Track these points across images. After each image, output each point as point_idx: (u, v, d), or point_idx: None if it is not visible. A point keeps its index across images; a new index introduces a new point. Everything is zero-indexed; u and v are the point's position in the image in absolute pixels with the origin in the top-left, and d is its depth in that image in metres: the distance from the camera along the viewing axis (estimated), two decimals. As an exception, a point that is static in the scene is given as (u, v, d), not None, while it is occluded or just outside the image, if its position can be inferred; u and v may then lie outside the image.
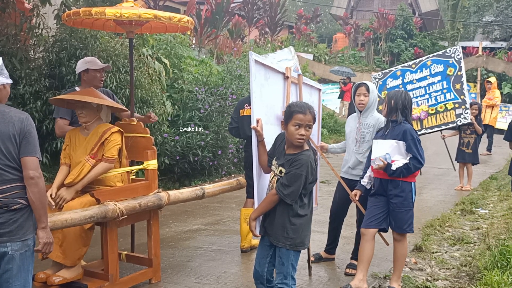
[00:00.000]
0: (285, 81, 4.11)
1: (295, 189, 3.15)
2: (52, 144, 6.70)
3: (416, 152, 4.14)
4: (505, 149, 14.52)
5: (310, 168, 3.17)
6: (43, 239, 2.77)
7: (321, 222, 5.94)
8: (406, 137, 4.16)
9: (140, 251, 4.96)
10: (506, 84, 22.24)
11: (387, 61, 26.30)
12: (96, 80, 4.50)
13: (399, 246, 4.36)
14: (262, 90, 3.70)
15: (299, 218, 3.24)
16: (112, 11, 4.00)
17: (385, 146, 4.23)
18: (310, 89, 4.79)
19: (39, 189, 2.72)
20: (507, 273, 4.32)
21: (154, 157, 4.21)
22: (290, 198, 3.17)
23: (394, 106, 4.24)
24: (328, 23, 40.38)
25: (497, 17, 26.40)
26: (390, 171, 4.14)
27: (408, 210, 4.25)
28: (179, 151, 8.48)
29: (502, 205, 7.73)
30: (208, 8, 17.78)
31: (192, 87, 9.60)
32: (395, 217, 4.25)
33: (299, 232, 3.25)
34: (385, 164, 4.13)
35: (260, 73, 3.71)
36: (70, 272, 3.79)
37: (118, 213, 3.67)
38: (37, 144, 2.78)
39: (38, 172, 2.72)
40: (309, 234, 3.40)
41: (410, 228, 4.29)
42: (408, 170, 4.14)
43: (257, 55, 3.74)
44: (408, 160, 4.15)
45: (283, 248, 3.24)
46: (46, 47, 7.08)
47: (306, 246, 3.41)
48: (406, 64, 8.18)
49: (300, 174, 3.14)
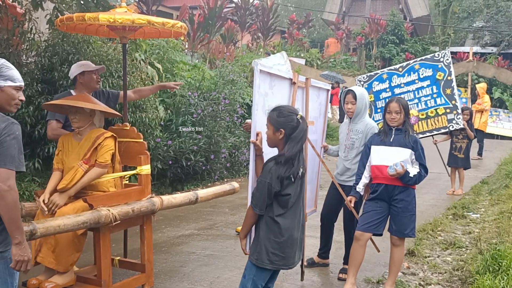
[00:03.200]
0: (291, 86, 4.07)
1: (260, 197, 2.99)
2: (44, 149, 6.66)
3: (425, 161, 4.26)
4: (496, 153, 14.65)
5: (275, 176, 2.95)
6: (15, 257, 2.55)
7: (314, 226, 5.94)
8: (417, 147, 4.26)
9: (133, 256, 4.94)
10: (497, 89, 22.45)
11: (379, 66, 26.45)
12: (93, 81, 4.50)
13: (398, 251, 4.37)
14: (265, 100, 3.61)
15: (263, 231, 3.07)
16: (105, 16, 3.99)
17: (396, 154, 4.24)
18: (318, 90, 4.78)
19: (6, 203, 2.49)
20: (499, 277, 4.34)
21: (147, 162, 4.20)
22: (257, 207, 3.02)
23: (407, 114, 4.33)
24: (320, 28, 40.57)
25: (487, 22, 26.64)
26: (408, 177, 4.18)
27: (412, 215, 4.29)
28: (171, 155, 8.47)
29: (494, 210, 7.77)
30: (201, 13, 17.81)
31: (185, 92, 9.59)
32: (399, 221, 4.27)
33: (265, 247, 3.05)
34: (405, 170, 4.15)
35: (265, 82, 3.64)
36: (62, 278, 3.77)
37: (111, 218, 3.66)
38: (12, 155, 2.53)
39: (6, 184, 2.48)
40: (287, 257, 3.10)
41: (412, 233, 4.33)
42: (420, 177, 4.24)
43: (263, 64, 3.62)
44: (418, 169, 4.24)
45: (249, 261, 3.14)
46: (39, 52, 7.05)
47: (276, 266, 3.09)
48: (393, 68, 8.17)
49: (264, 181, 2.97)
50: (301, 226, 3.20)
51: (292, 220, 3.09)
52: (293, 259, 3.13)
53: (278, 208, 3.04)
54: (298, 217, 3.15)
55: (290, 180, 3.00)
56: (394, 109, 4.29)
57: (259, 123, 3.40)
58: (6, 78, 2.71)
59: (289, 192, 3.02)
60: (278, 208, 3.04)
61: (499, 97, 22.34)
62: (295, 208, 3.11)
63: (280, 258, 3.06)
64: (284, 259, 3.08)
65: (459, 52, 24.42)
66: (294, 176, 3.01)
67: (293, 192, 3.06)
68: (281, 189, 2.99)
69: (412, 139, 4.26)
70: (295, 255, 3.15)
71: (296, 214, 3.13)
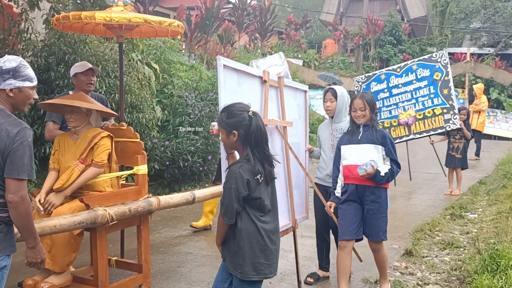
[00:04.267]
0: (262, 85, 3.93)
1: (228, 204, 2.77)
2: (41, 149, 6.64)
3: (395, 156, 4.08)
4: (493, 154, 14.67)
5: (241, 180, 2.73)
6: (29, 258, 2.65)
7: (312, 226, 5.93)
8: (386, 142, 4.07)
9: (130, 256, 4.92)
10: (494, 90, 22.48)
11: (376, 66, 26.45)
12: (83, 84, 4.42)
13: (379, 255, 4.24)
14: (234, 98, 3.43)
15: (244, 241, 2.83)
16: (102, 15, 3.98)
17: (365, 151, 4.07)
18: (294, 91, 4.63)
19: (19, 213, 2.50)
20: (497, 277, 4.33)
21: (144, 162, 4.18)
22: (226, 217, 2.80)
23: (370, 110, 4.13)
24: (318, 29, 40.60)
25: (484, 23, 26.70)
26: (379, 177, 3.99)
27: (384, 217, 4.12)
28: (169, 156, 8.45)
29: (491, 210, 7.78)
30: (198, 13, 17.81)
31: (182, 92, 9.58)
32: (371, 224, 4.09)
33: (248, 258, 2.84)
34: (375, 170, 3.98)
35: (232, 79, 3.51)
36: (59, 278, 3.75)
37: (107, 218, 3.64)
38: (25, 163, 2.50)
39: (18, 196, 2.47)
40: (272, 263, 2.92)
41: (384, 236, 4.16)
42: (392, 175, 4.06)
43: (227, 59, 3.48)
44: (389, 165, 4.06)
45: (236, 277, 2.88)
46: (35, 52, 7.03)
47: (262, 276, 2.88)
48: (391, 68, 8.17)
49: (229, 187, 2.76)
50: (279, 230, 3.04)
51: (273, 225, 2.93)
52: (276, 265, 2.97)
53: (256, 213, 2.85)
54: (277, 221, 2.99)
55: (258, 183, 2.80)
56: (358, 106, 4.11)
57: None
58: (25, 78, 2.71)
59: (260, 196, 2.81)
60: (256, 213, 2.85)
61: (497, 98, 22.36)
62: (273, 212, 2.95)
63: (266, 266, 2.87)
64: (270, 266, 2.90)
65: (457, 53, 24.48)
66: (263, 178, 2.81)
67: (265, 195, 2.86)
68: (250, 193, 2.78)
69: (380, 134, 4.08)
70: (277, 261, 2.99)
71: (276, 218, 2.97)
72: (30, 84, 2.73)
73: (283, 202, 4.26)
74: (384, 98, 8.07)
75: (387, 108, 8.07)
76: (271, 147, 4.02)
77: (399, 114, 7.97)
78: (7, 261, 2.59)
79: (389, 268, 5.06)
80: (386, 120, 8.06)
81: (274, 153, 4.06)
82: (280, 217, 4.19)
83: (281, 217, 4.20)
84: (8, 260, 2.59)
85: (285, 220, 4.28)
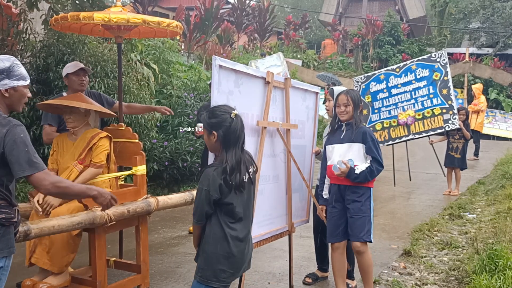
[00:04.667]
0: (265, 86, 3.82)
1: (198, 205, 2.73)
2: (39, 149, 6.62)
3: (376, 153, 3.93)
4: (492, 154, 14.68)
5: (213, 183, 2.67)
6: (100, 206, 2.98)
7: (310, 226, 5.94)
8: (366, 139, 3.94)
9: (129, 257, 4.92)
10: (493, 90, 22.51)
11: (375, 67, 26.48)
12: (75, 84, 4.41)
13: (363, 258, 4.04)
14: (229, 98, 3.39)
15: (209, 245, 2.76)
16: (100, 15, 3.97)
17: (346, 150, 4.00)
18: (303, 93, 4.51)
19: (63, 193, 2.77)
20: (496, 277, 4.34)
21: (143, 163, 4.17)
22: (195, 218, 2.76)
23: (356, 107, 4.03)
24: (317, 29, 40.60)
25: (483, 23, 26.74)
26: (354, 175, 3.90)
27: (366, 217, 3.97)
28: (168, 157, 8.45)
29: (490, 210, 7.79)
30: (197, 14, 17.81)
31: (181, 93, 9.58)
32: (353, 224, 3.98)
33: (210, 263, 2.75)
34: (348, 168, 3.91)
35: (229, 79, 3.42)
36: (57, 279, 3.74)
37: (106, 219, 3.63)
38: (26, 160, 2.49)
39: (45, 186, 2.56)
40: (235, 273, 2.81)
41: (367, 236, 3.97)
42: (371, 173, 3.92)
43: (223, 59, 3.36)
44: (369, 163, 3.94)
45: (194, 280, 2.81)
46: (34, 52, 7.02)
47: (223, 284, 2.77)
48: (390, 68, 8.18)
49: (201, 188, 2.70)
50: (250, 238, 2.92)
51: (242, 233, 2.80)
52: (238, 274, 2.87)
53: (226, 218, 2.76)
54: (249, 229, 2.87)
55: (231, 188, 2.70)
56: (342, 101, 4.01)
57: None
58: (19, 77, 2.70)
59: (231, 201, 2.73)
60: (226, 219, 2.76)
61: (495, 98, 22.41)
62: (246, 221, 2.83)
63: (229, 275, 2.77)
64: (233, 275, 2.80)
65: (456, 53, 24.52)
66: (237, 183, 2.71)
67: (238, 201, 2.75)
68: (222, 197, 2.70)
69: (360, 132, 3.95)
70: (243, 270, 2.90)
71: (246, 226, 2.84)
72: (25, 83, 2.72)
73: (281, 206, 4.23)
74: (384, 98, 8.07)
75: (386, 108, 8.07)
76: (272, 149, 4.01)
77: (399, 114, 7.97)
78: (4, 262, 2.57)
79: (387, 268, 5.08)
80: (385, 120, 8.06)
81: (274, 155, 4.07)
82: (278, 220, 4.19)
83: (278, 220, 4.19)
84: (5, 262, 2.58)
85: (281, 224, 4.24)
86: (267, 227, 4.03)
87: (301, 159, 4.49)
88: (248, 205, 2.84)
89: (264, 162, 3.85)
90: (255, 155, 3.72)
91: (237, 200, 2.75)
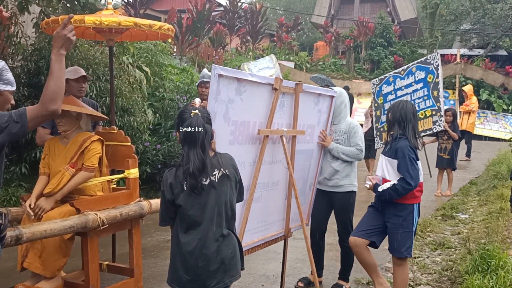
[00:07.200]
0: (272, 93, 3.69)
1: (161, 207, 2.75)
2: (31, 153, 6.60)
3: (405, 171, 3.82)
4: (484, 154, 14.76)
5: (165, 183, 2.67)
6: (64, 47, 2.79)
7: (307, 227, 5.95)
8: (398, 155, 3.88)
9: (122, 261, 4.89)
10: (484, 91, 22.65)
11: (368, 68, 26.60)
12: (74, 89, 4.39)
13: (399, 271, 4.04)
14: (229, 106, 3.31)
15: (173, 246, 2.74)
16: (91, 18, 3.97)
17: (381, 164, 4.06)
18: (317, 97, 4.32)
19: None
20: (488, 276, 4.36)
21: (135, 166, 4.16)
22: (159, 219, 2.79)
23: (392, 120, 4.05)
24: (309, 31, 40.68)
25: (474, 25, 26.91)
26: (377, 192, 3.94)
27: (408, 232, 3.92)
28: (161, 159, 8.43)
29: (482, 210, 7.83)
30: (189, 16, 17.79)
31: (173, 96, 9.56)
32: (393, 238, 3.97)
33: (172, 265, 2.73)
34: (372, 186, 3.98)
35: (230, 87, 3.30)
36: (49, 283, 3.72)
37: (98, 222, 3.62)
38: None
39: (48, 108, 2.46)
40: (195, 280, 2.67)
41: (408, 252, 3.96)
42: (395, 192, 3.83)
43: (224, 68, 3.24)
44: (396, 181, 3.87)
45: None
46: (25, 56, 7.00)
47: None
48: (397, 71, 8.29)
49: (162, 190, 2.71)
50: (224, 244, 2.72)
51: (194, 243, 2.66)
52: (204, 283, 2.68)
53: (180, 224, 2.70)
54: (206, 235, 2.67)
55: (182, 189, 2.64)
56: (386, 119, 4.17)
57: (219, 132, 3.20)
58: (7, 82, 2.68)
59: (181, 203, 2.64)
60: (180, 224, 2.70)
61: (487, 98, 22.54)
62: (203, 228, 2.67)
63: (188, 281, 2.66)
64: (192, 282, 2.66)
65: (447, 55, 24.63)
66: (192, 185, 2.63)
67: (188, 204, 2.65)
68: (174, 198, 2.66)
69: (395, 147, 3.92)
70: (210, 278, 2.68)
71: (203, 231, 2.67)
72: (11, 88, 2.70)
73: (279, 211, 4.19)
74: (391, 100, 8.15)
75: None
76: (274, 155, 3.95)
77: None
78: None
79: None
80: None
81: (276, 162, 4.02)
82: (274, 225, 4.17)
83: (274, 226, 4.16)
84: None
85: (278, 228, 4.22)
86: (261, 234, 3.99)
87: (307, 163, 4.42)
88: (206, 209, 2.67)
89: (263, 170, 3.76)
90: (254, 162, 3.66)
91: (187, 202, 2.65)
